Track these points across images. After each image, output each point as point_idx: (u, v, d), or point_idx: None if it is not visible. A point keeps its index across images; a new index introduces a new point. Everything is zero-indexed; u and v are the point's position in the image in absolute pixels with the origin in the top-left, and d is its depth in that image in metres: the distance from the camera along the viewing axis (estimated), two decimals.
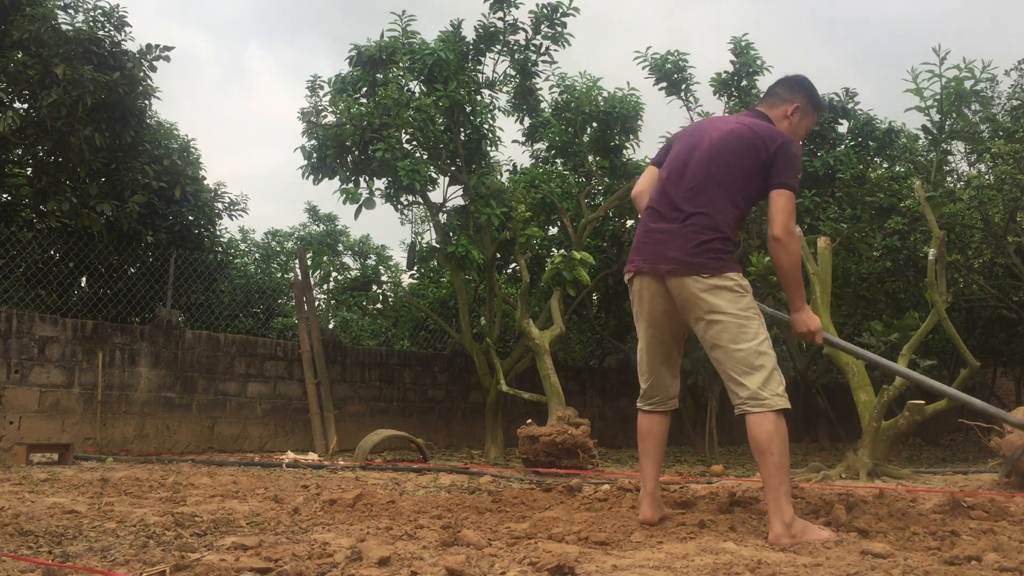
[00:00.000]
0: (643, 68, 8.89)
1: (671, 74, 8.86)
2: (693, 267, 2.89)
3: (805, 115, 3.19)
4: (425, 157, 8.35)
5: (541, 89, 9.13)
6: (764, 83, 11.10)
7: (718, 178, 2.95)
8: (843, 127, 10.37)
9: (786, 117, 3.15)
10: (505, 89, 8.94)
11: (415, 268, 11.27)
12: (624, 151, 9.57)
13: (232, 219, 12.40)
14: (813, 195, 9.21)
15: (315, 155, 8.39)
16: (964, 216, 8.73)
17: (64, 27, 7.97)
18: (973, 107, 8.84)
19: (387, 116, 7.94)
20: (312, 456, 7.26)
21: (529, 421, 6.46)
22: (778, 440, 2.77)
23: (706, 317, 2.90)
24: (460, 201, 8.85)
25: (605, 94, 9.00)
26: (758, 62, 9.13)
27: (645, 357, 3.14)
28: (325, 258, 11.56)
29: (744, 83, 9.23)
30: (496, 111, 8.94)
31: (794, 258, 2.94)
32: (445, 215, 9.05)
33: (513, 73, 8.79)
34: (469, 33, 8.56)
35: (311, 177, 8.50)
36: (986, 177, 9.42)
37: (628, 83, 9.95)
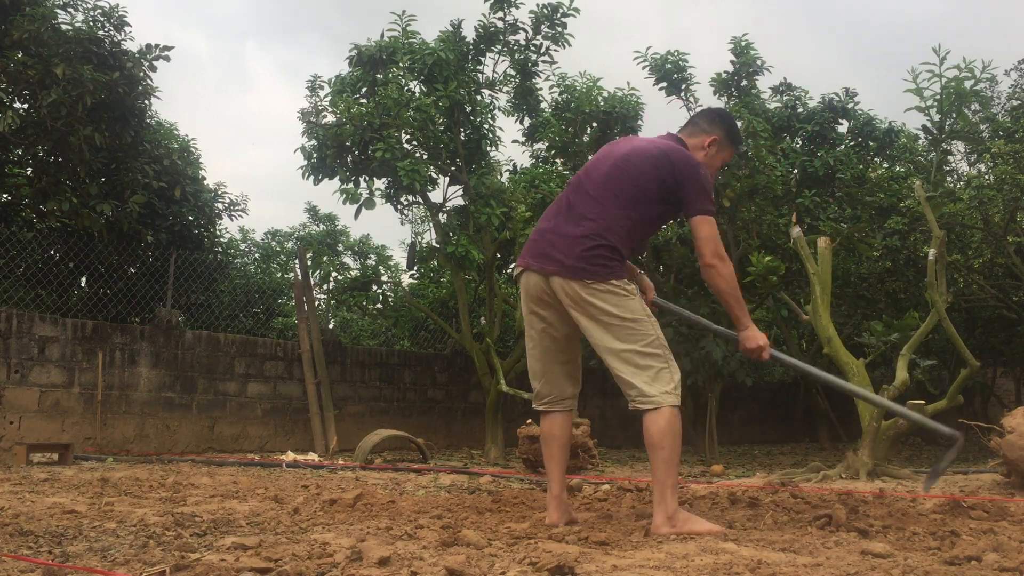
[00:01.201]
0: (643, 68, 8.89)
1: (671, 74, 8.85)
2: (578, 272, 2.92)
3: (722, 148, 3.23)
4: (425, 157, 8.35)
5: (541, 89, 9.13)
6: (764, 83, 11.13)
7: (615, 189, 2.99)
8: (843, 127, 10.38)
9: (703, 148, 3.18)
10: (505, 89, 8.95)
11: (415, 268, 11.28)
12: None
13: (232, 219, 12.41)
14: (813, 195, 9.21)
15: (315, 155, 8.39)
16: (964, 216, 8.74)
17: (64, 27, 7.97)
18: (973, 107, 8.84)
19: (387, 116, 7.94)
20: (312, 456, 7.26)
21: (529, 421, 6.45)
22: (670, 436, 2.85)
23: (591, 319, 2.94)
24: (460, 201, 8.86)
25: (605, 94, 9.00)
26: (758, 62, 9.13)
27: (537, 354, 3.12)
28: (325, 258, 11.57)
29: (744, 83, 9.23)
30: (496, 111, 8.95)
31: (730, 280, 2.98)
32: (445, 215, 9.05)
33: (513, 73, 8.79)
34: (469, 33, 8.57)
35: (311, 177, 8.50)
36: (986, 177, 9.42)
37: (628, 83, 9.94)
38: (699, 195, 2.97)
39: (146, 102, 8.87)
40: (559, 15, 8.38)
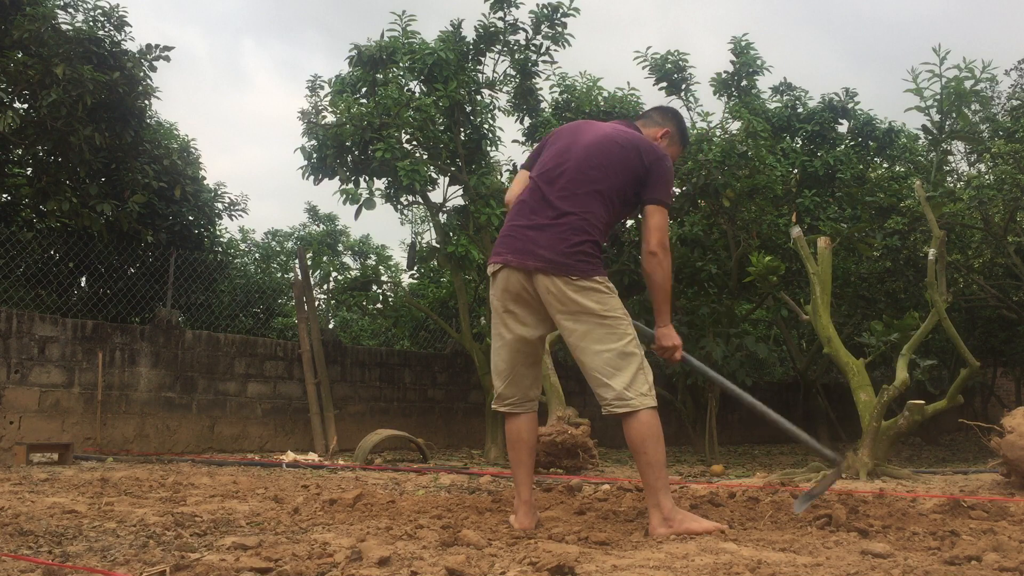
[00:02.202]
0: (643, 68, 8.90)
1: (671, 74, 8.86)
2: (563, 268, 2.88)
3: (672, 143, 3.26)
4: (425, 157, 8.34)
5: (541, 89, 9.13)
6: (764, 83, 11.13)
7: (592, 180, 2.95)
8: (843, 127, 10.38)
9: (655, 139, 3.20)
10: (505, 89, 8.94)
11: (415, 268, 11.27)
12: None
13: (232, 219, 12.42)
14: (813, 195, 9.21)
15: (315, 155, 8.39)
16: (964, 216, 8.73)
17: (64, 27, 7.97)
18: (973, 107, 8.84)
19: (387, 116, 7.93)
20: (312, 456, 7.26)
21: None
22: (652, 439, 2.83)
23: (573, 317, 2.90)
24: (460, 201, 8.86)
25: (605, 94, 9.00)
26: (758, 62, 9.13)
27: (505, 355, 3.05)
28: (325, 258, 11.58)
29: (744, 83, 9.23)
30: (496, 111, 8.95)
31: (667, 273, 2.98)
32: (445, 215, 9.05)
33: (513, 73, 8.79)
34: (469, 33, 8.57)
35: (311, 177, 8.50)
36: (986, 177, 9.42)
37: (628, 83, 9.95)
38: (663, 184, 2.99)
39: (146, 102, 8.87)
40: (559, 15, 8.38)
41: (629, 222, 8.95)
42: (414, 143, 8.39)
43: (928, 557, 2.39)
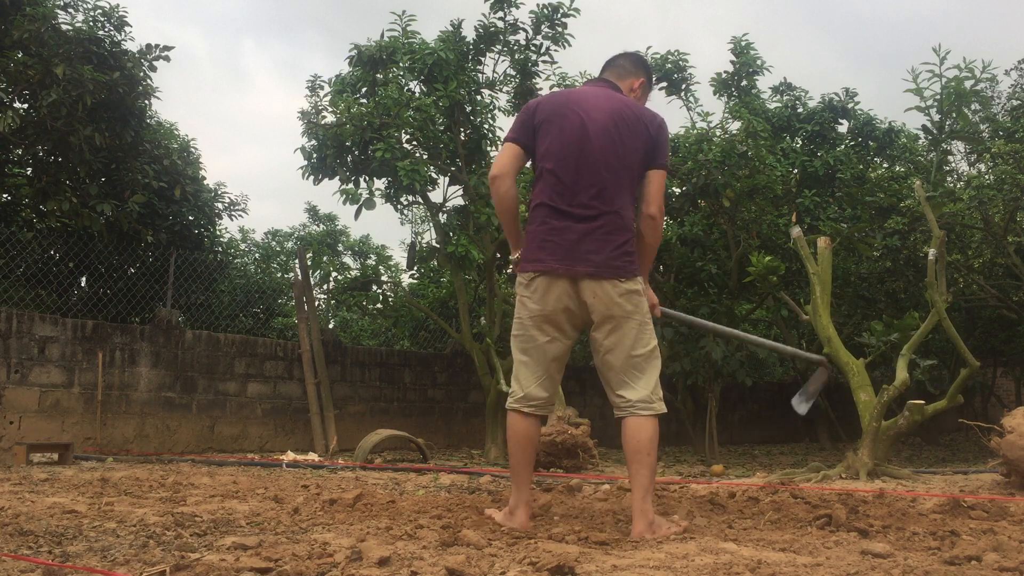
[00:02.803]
0: None
1: (671, 74, 8.86)
2: (613, 271, 2.87)
3: (645, 91, 3.24)
4: (425, 157, 8.34)
5: (541, 89, 9.11)
6: (764, 83, 11.12)
7: (618, 172, 2.93)
8: (843, 127, 10.39)
9: (632, 90, 3.17)
10: (505, 89, 8.94)
11: (415, 268, 11.27)
12: None
13: (232, 219, 12.42)
14: (813, 195, 9.22)
15: (315, 155, 8.39)
16: (964, 216, 8.73)
17: (64, 27, 7.97)
18: (973, 107, 8.84)
19: (387, 116, 7.93)
20: (312, 456, 7.26)
21: None
22: (655, 444, 2.87)
23: (613, 319, 2.89)
24: (460, 201, 8.86)
25: None
26: (758, 62, 9.13)
27: (544, 360, 2.98)
28: (325, 258, 11.57)
29: (744, 83, 9.23)
30: (496, 111, 8.94)
31: (659, 235, 3.06)
32: (445, 215, 9.04)
33: (513, 73, 8.78)
34: (469, 33, 8.56)
35: (311, 177, 8.50)
36: (986, 177, 9.42)
37: None
38: (665, 150, 3.04)
39: (146, 102, 8.87)
40: (559, 15, 8.37)
41: None
42: (414, 143, 8.39)
43: (928, 557, 2.39)
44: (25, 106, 8.35)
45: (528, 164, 3.15)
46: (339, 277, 10.93)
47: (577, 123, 2.95)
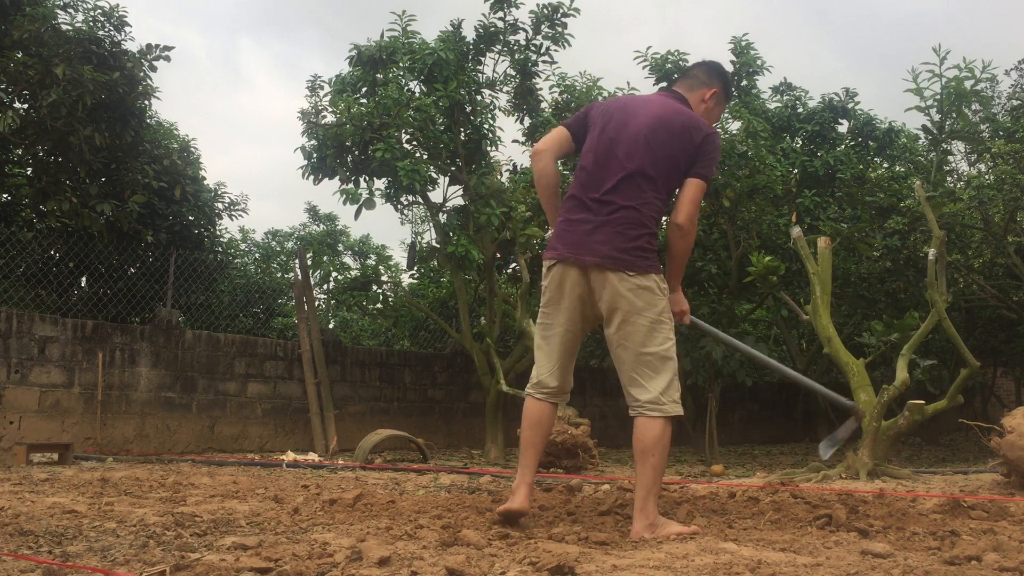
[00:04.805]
0: (643, 68, 8.89)
1: (671, 74, 8.84)
2: (621, 263, 2.87)
3: (719, 102, 3.22)
4: (425, 157, 8.34)
5: (541, 89, 9.12)
6: (764, 83, 11.12)
7: (647, 170, 2.92)
8: (843, 127, 10.38)
9: (703, 101, 3.16)
10: (505, 89, 8.94)
11: (415, 268, 11.27)
12: None
13: (232, 219, 12.42)
14: (813, 195, 9.21)
15: (315, 155, 8.39)
16: (964, 216, 8.74)
17: (64, 27, 7.98)
18: (973, 107, 8.84)
19: (387, 116, 7.94)
20: (312, 456, 7.26)
21: None
22: (662, 445, 2.85)
23: (624, 316, 2.89)
24: (460, 201, 8.86)
25: (605, 94, 8.99)
26: (758, 62, 9.13)
27: (557, 348, 3.04)
28: (325, 258, 11.57)
29: (744, 83, 9.23)
30: (496, 111, 8.94)
31: (689, 246, 3.04)
32: (445, 215, 9.04)
33: (513, 73, 8.78)
34: (469, 33, 8.56)
35: (311, 177, 8.50)
36: (986, 177, 9.43)
37: (628, 83, 9.95)
38: (710, 161, 2.98)
39: (146, 102, 8.87)
40: (559, 15, 8.37)
41: None
42: (414, 143, 8.39)
43: (928, 557, 2.39)
44: (25, 106, 8.34)
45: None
46: (339, 277, 10.93)
47: (617, 124, 3.01)
